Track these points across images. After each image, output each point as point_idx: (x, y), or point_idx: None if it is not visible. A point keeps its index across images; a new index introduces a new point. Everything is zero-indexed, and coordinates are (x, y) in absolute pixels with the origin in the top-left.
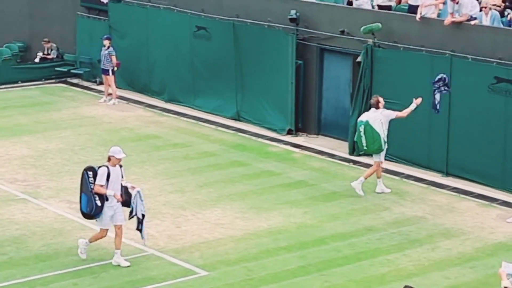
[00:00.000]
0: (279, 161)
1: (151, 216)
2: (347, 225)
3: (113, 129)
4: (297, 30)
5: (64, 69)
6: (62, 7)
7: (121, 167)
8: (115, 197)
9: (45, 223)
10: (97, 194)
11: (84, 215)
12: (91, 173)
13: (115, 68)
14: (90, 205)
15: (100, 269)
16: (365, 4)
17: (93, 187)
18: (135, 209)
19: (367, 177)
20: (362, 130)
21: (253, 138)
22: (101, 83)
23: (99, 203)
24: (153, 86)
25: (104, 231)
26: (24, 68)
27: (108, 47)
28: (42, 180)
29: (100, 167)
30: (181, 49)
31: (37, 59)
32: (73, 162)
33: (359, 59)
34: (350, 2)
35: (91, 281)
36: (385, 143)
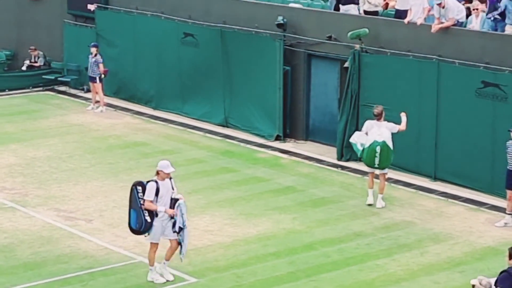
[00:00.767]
0: (268, 167)
1: None
2: (336, 230)
3: (101, 137)
4: (285, 36)
5: (51, 77)
6: (49, 15)
7: (170, 179)
8: (167, 212)
9: (33, 231)
10: (147, 209)
11: (133, 231)
12: (140, 188)
13: (103, 75)
14: (139, 221)
15: (88, 277)
16: (352, 9)
17: (142, 202)
18: (177, 221)
19: (382, 192)
20: (378, 151)
21: (241, 144)
22: (88, 91)
23: (148, 219)
24: (140, 93)
25: (154, 245)
26: (11, 76)
27: (95, 55)
28: (30, 188)
29: (149, 181)
30: (168, 55)
31: (24, 67)
32: (61, 170)
33: (346, 65)
34: (337, 7)
35: None
36: None
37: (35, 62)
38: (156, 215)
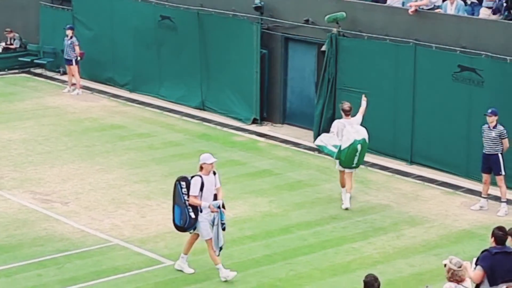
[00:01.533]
0: (244, 151)
1: (115, 206)
2: (312, 213)
3: (77, 119)
4: (262, 19)
5: (27, 59)
6: None
7: (215, 174)
8: (210, 208)
9: (8, 214)
10: (191, 205)
11: (177, 227)
12: (184, 184)
13: (79, 58)
14: (183, 218)
15: (64, 260)
16: None
17: (186, 198)
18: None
19: (351, 191)
20: (359, 149)
21: (218, 127)
22: (64, 73)
23: (193, 215)
24: (117, 76)
25: (209, 240)
26: None
27: (70, 37)
28: (5, 170)
29: (193, 176)
30: (145, 38)
31: None
32: (37, 152)
33: (323, 48)
34: None
35: (55, 272)
36: None
37: (11, 44)
38: (200, 211)
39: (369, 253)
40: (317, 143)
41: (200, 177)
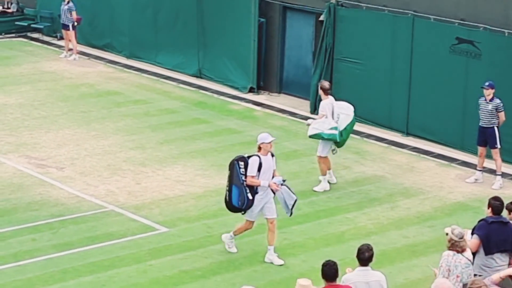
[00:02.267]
0: (241, 119)
1: (110, 172)
2: (307, 183)
3: (74, 85)
4: None
5: (24, 24)
6: None
7: (273, 156)
8: (271, 186)
9: (4, 178)
10: (248, 186)
11: (233, 208)
12: (242, 164)
13: (76, 23)
14: (241, 199)
15: (59, 225)
16: None
17: (244, 179)
18: (286, 201)
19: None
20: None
21: (215, 95)
22: (61, 38)
23: (250, 196)
24: (114, 42)
25: (250, 223)
26: None
27: (68, 2)
28: (1, 134)
29: (250, 156)
30: (143, 5)
31: None
32: (33, 117)
33: (321, 18)
34: None
35: (50, 237)
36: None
37: (8, 8)
38: (256, 192)
39: (363, 223)
40: (311, 133)
41: (258, 157)
